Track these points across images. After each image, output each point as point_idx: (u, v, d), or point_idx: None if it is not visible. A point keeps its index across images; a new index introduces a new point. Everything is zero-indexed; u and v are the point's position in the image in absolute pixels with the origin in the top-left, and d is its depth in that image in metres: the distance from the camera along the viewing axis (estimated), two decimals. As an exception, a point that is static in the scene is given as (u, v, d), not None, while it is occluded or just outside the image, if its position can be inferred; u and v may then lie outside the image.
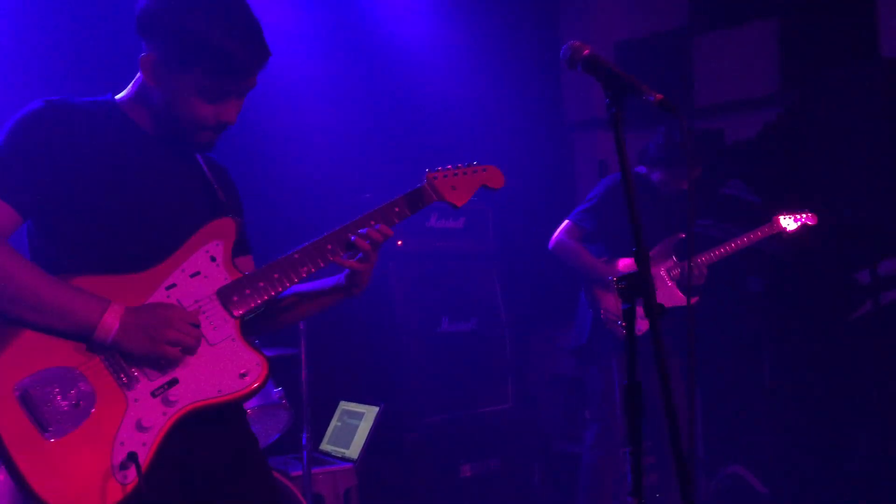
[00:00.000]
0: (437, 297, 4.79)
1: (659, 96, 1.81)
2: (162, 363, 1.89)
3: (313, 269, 2.08)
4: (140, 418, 1.85)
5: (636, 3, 6.12)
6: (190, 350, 1.90)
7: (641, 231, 1.85)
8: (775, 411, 4.98)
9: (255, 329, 2.20)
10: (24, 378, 1.79)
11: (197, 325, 1.92)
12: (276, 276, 2.03)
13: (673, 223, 4.10)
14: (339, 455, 4.17)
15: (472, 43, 5.46)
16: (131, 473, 1.80)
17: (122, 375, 1.87)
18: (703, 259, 4.01)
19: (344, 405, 4.40)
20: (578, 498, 4.16)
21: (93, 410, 1.82)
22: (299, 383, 3.71)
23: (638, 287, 1.82)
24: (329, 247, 2.09)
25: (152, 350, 1.86)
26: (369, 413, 4.21)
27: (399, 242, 4.65)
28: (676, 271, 4.02)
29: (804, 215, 4.15)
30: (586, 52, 1.93)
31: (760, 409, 5.09)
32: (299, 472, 3.75)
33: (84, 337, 1.84)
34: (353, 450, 4.13)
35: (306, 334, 3.72)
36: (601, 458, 4.06)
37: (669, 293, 4.00)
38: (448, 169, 2.31)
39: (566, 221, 4.10)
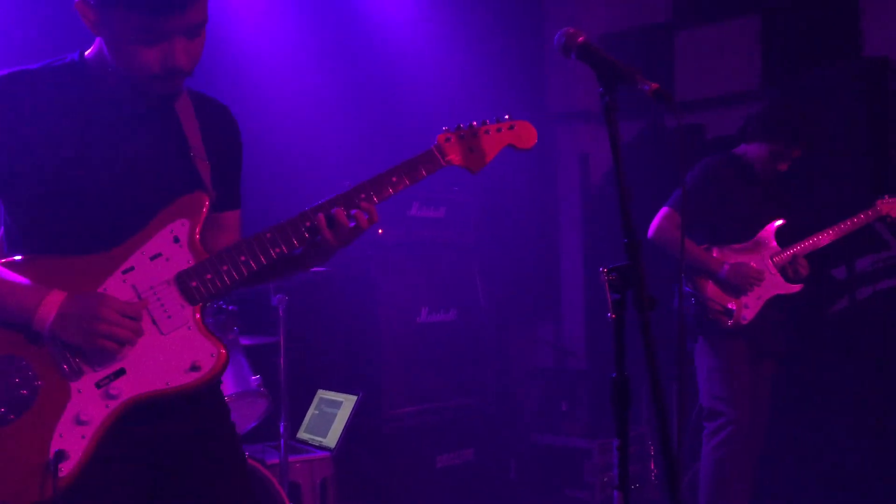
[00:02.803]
0: (417, 287, 4.77)
1: (654, 86, 1.80)
2: (106, 354, 1.81)
3: (286, 251, 1.92)
4: (79, 411, 1.79)
5: (620, -3, 6.12)
6: (127, 342, 1.80)
7: (632, 221, 1.83)
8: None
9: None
10: None
11: (137, 319, 1.82)
12: (242, 258, 1.89)
13: (778, 206, 3.98)
14: (317, 444, 4.14)
15: (457, 33, 5.43)
16: (65, 467, 1.75)
17: (66, 366, 1.80)
18: (803, 251, 3.89)
19: (322, 394, 4.37)
20: (701, 500, 3.91)
21: (37, 400, 1.77)
22: (278, 371, 3.67)
23: (629, 278, 1.80)
24: (308, 224, 1.93)
25: (87, 343, 1.78)
26: (347, 402, 4.19)
27: (380, 231, 4.62)
28: (779, 258, 3.89)
29: None
30: (581, 39, 1.91)
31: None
32: (276, 461, 3.72)
33: (23, 326, 1.78)
34: (331, 439, 4.10)
35: (285, 322, 3.69)
36: (724, 460, 3.82)
37: (774, 282, 3.88)
38: (470, 127, 2.08)
39: (665, 208, 3.87)
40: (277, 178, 4.44)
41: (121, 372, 1.82)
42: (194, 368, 1.86)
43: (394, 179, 1.98)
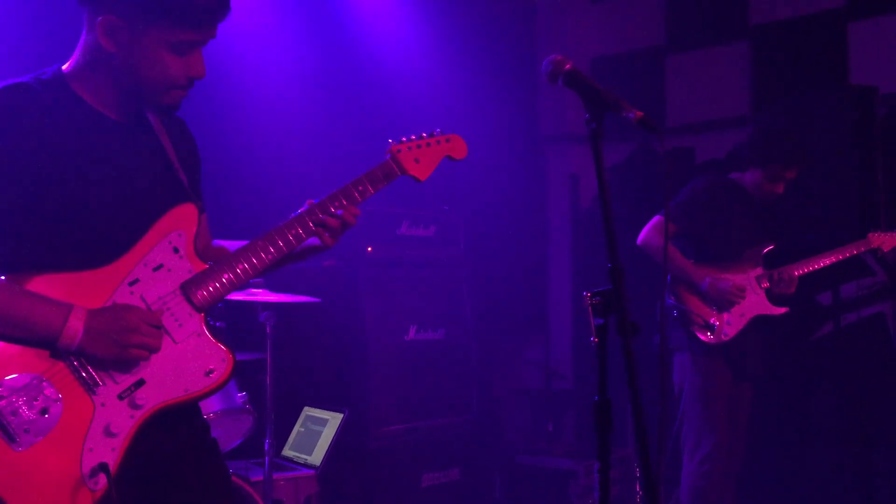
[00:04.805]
0: (405, 306, 4.77)
1: (639, 114, 1.82)
2: (128, 365, 1.86)
3: (277, 256, 2.05)
4: (108, 423, 1.83)
5: (612, 21, 6.17)
6: (155, 351, 1.88)
7: (616, 245, 1.85)
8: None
9: None
10: None
11: (159, 327, 1.89)
12: (240, 266, 2.00)
13: (768, 230, 4.03)
14: (302, 461, 4.13)
15: (449, 56, 5.47)
16: (101, 480, 1.79)
17: (88, 379, 1.83)
18: (795, 271, 3.91)
19: (308, 411, 4.37)
20: None
21: (60, 417, 1.79)
22: (264, 388, 3.67)
23: (612, 303, 1.82)
24: (294, 232, 2.07)
25: (118, 355, 1.83)
26: (333, 420, 4.18)
27: (369, 249, 4.63)
28: (766, 281, 3.92)
29: None
30: (568, 66, 1.93)
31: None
32: (260, 478, 3.70)
33: (48, 345, 1.80)
34: (316, 456, 4.09)
35: (272, 339, 3.69)
36: (704, 480, 3.82)
37: (759, 302, 3.90)
38: (412, 140, 2.26)
39: (657, 217, 3.91)
40: (271, 184, 4.47)
41: (141, 382, 1.88)
42: (209, 374, 1.94)
43: (360, 188, 2.15)
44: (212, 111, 4.07)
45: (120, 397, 1.85)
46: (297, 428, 4.34)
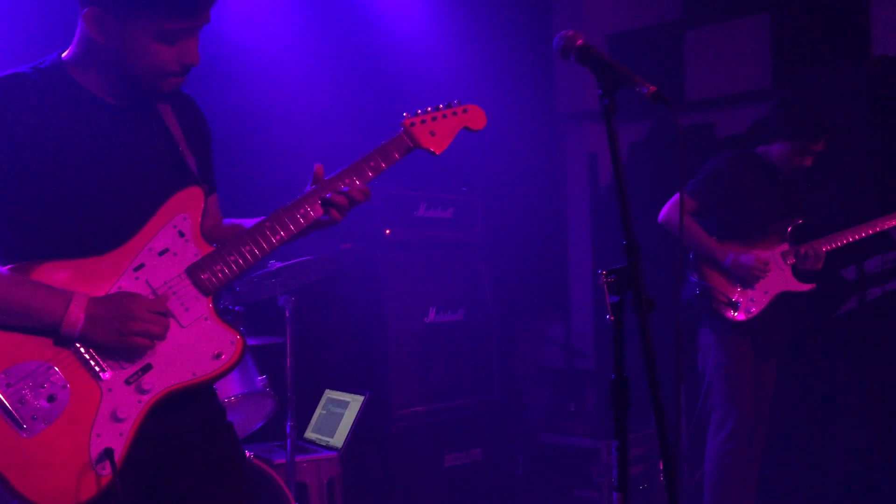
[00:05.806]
0: (425, 288, 4.77)
1: (652, 88, 1.80)
2: (134, 351, 1.86)
3: (286, 237, 2.02)
4: (115, 409, 1.83)
5: (629, -4, 6.11)
6: (158, 337, 1.87)
7: (631, 222, 1.83)
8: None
9: None
10: None
11: (163, 313, 1.88)
12: (247, 248, 1.97)
13: (794, 205, 3.98)
14: (324, 444, 4.16)
15: (464, 34, 5.43)
16: (108, 465, 1.80)
17: (94, 366, 1.84)
18: (822, 246, 3.86)
19: (329, 394, 4.39)
20: (706, 497, 3.90)
21: (67, 403, 1.80)
22: (284, 371, 3.68)
23: (627, 280, 1.81)
24: (302, 211, 2.03)
25: (120, 342, 1.82)
26: (354, 402, 4.20)
27: (387, 232, 4.63)
28: (792, 257, 3.87)
29: None
30: (580, 42, 1.91)
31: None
32: (283, 461, 3.73)
33: (51, 332, 1.80)
34: (338, 438, 4.11)
35: (292, 322, 3.70)
36: (728, 457, 3.80)
37: (784, 278, 3.86)
38: (427, 112, 2.20)
39: (678, 194, 3.86)
40: (286, 160, 4.46)
41: (148, 367, 1.87)
42: (217, 357, 1.93)
43: (372, 164, 2.10)
44: (225, 89, 4.08)
45: (127, 382, 1.85)
46: (318, 410, 4.37)
